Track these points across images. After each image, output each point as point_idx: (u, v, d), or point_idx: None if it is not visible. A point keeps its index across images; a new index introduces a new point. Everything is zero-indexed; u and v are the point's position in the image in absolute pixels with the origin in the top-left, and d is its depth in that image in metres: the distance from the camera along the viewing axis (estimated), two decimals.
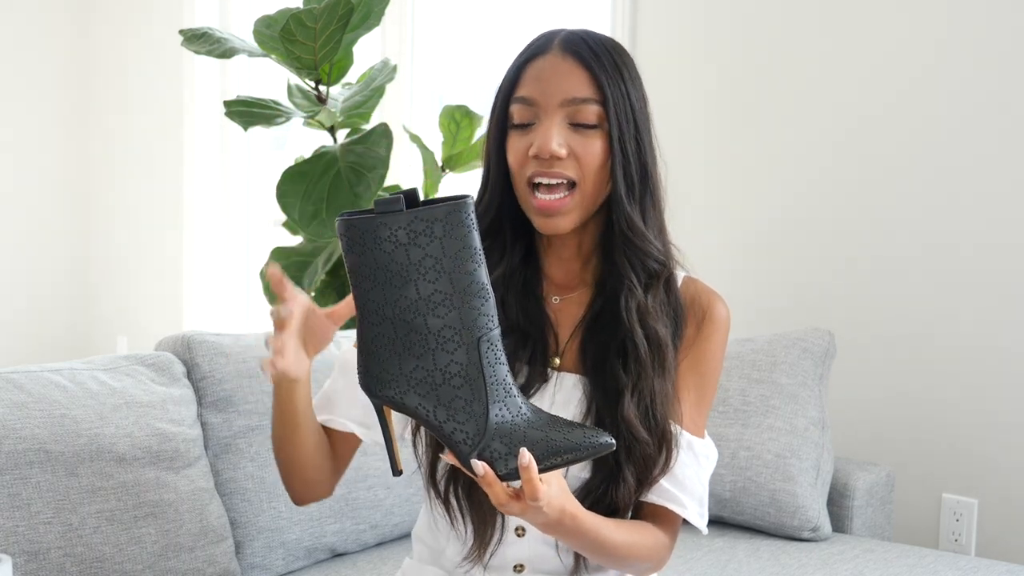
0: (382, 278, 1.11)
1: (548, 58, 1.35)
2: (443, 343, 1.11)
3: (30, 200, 4.82)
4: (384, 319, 1.12)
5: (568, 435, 1.11)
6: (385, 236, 1.10)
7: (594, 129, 1.34)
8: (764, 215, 2.95)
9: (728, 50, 3.00)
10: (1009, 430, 2.58)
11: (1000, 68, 2.58)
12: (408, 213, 1.10)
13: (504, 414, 1.11)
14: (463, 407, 1.11)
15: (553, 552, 1.38)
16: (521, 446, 1.10)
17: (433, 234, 1.10)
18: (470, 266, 1.11)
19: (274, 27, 2.56)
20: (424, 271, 1.10)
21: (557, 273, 1.42)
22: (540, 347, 1.37)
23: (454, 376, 1.11)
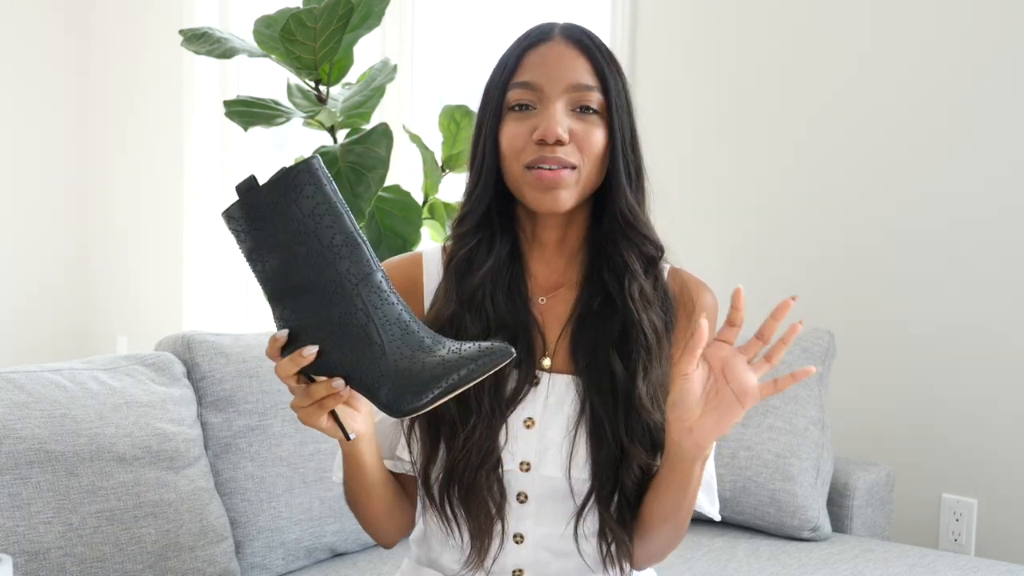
0: (254, 258, 1.18)
1: (551, 45, 1.36)
2: (331, 297, 1.16)
3: (30, 200, 4.82)
4: (282, 291, 1.18)
5: (466, 355, 1.14)
6: (233, 227, 1.18)
7: (595, 116, 1.34)
8: (764, 215, 2.95)
9: (728, 50, 3.00)
10: (1009, 430, 2.58)
11: (1001, 69, 2.58)
12: (264, 187, 1.16)
13: (403, 350, 1.15)
14: (364, 353, 1.15)
15: (551, 557, 1.38)
16: (427, 379, 1.13)
17: (281, 204, 1.15)
18: (329, 219, 1.16)
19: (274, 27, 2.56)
20: (292, 237, 1.16)
21: (541, 272, 1.41)
22: (528, 351, 1.36)
23: (349, 326, 1.15)
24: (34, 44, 4.77)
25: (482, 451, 1.32)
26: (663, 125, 3.06)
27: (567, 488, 1.34)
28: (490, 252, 1.38)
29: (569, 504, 1.35)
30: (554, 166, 1.31)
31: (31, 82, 4.78)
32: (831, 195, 2.83)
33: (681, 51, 3.08)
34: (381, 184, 2.48)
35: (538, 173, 1.32)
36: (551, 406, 1.35)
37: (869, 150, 2.77)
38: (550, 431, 1.34)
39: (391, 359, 1.14)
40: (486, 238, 1.38)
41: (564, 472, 1.33)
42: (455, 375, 1.13)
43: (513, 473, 1.35)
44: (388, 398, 1.14)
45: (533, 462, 1.35)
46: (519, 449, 1.35)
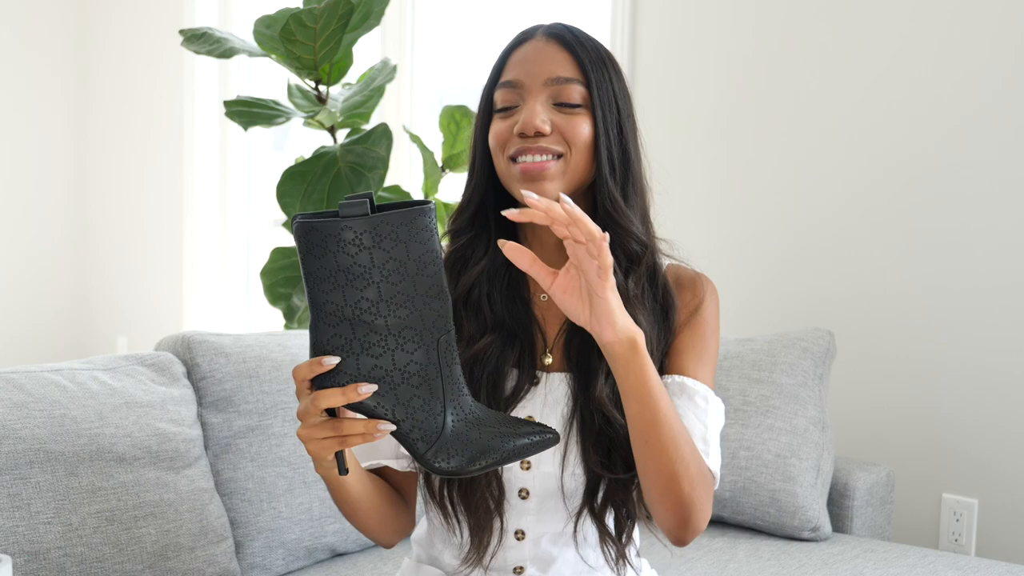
0: (343, 280, 1.11)
1: (532, 43, 1.37)
2: (403, 343, 1.13)
3: (30, 200, 4.82)
4: (342, 320, 1.13)
5: (514, 439, 1.14)
6: (349, 239, 1.10)
7: (578, 108, 1.34)
8: (764, 214, 2.95)
9: (728, 50, 3.00)
10: (1009, 430, 2.58)
11: (1002, 70, 2.58)
12: (373, 217, 1.10)
13: (457, 414, 1.14)
14: (421, 406, 1.13)
15: (554, 553, 1.38)
16: (474, 446, 1.13)
17: (398, 237, 1.11)
18: (431, 269, 1.13)
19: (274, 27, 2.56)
20: (387, 273, 1.11)
21: None
22: (528, 349, 1.37)
23: (413, 376, 1.13)
24: (34, 44, 4.77)
25: None
26: (663, 124, 3.06)
27: (571, 487, 1.34)
28: (486, 250, 1.39)
29: (576, 504, 1.36)
30: (537, 156, 1.31)
31: (31, 82, 4.78)
32: (831, 194, 2.83)
33: (681, 51, 3.08)
34: (381, 184, 2.48)
35: (522, 166, 1.32)
36: (549, 404, 1.36)
37: (871, 150, 2.77)
38: None
39: (448, 419, 1.13)
40: (481, 235, 1.39)
41: (559, 470, 1.34)
42: (501, 454, 1.14)
43: (514, 471, 1.35)
44: (433, 457, 1.13)
45: (533, 460, 1.35)
46: None
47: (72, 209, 4.93)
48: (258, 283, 2.79)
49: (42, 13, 4.78)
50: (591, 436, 1.33)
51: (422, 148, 2.77)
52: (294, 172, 2.52)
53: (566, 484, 1.34)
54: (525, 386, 1.35)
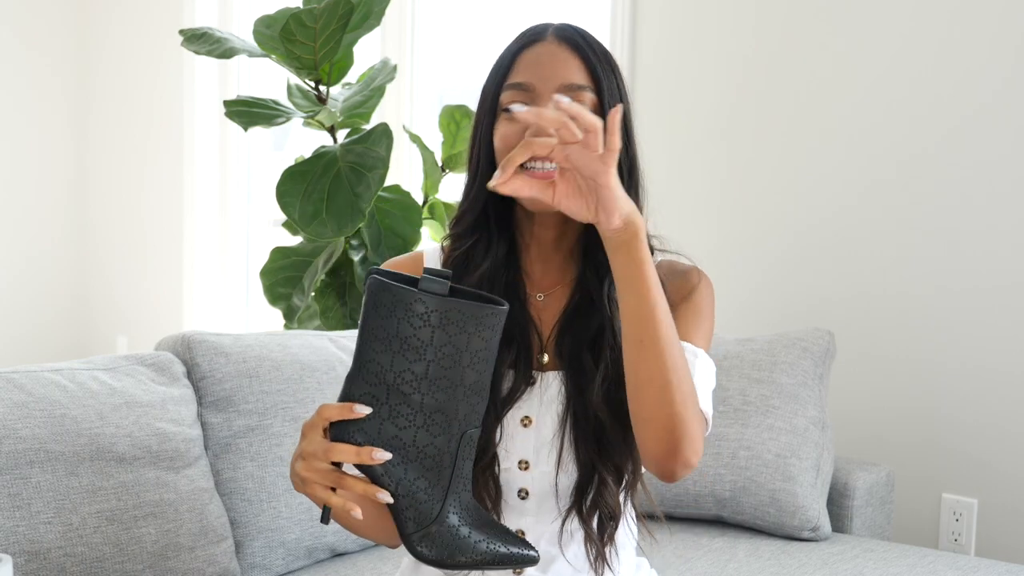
0: (396, 346, 1.12)
1: (544, 45, 1.36)
2: (430, 425, 1.14)
3: (30, 200, 4.82)
4: (381, 383, 1.14)
5: (498, 546, 1.17)
6: (419, 311, 1.11)
7: None
8: (764, 214, 2.95)
9: (728, 50, 3.00)
10: (1009, 430, 2.58)
11: (1002, 71, 2.58)
12: (448, 300, 1.12)
13: (455, 508, 1.16)
14: (424, 488, 1.15)
15: (554, 552, 1.38)
16: (458, 545, 1.15)
17: (464, 326, 1.12)
18: (483, 366, 1.14)
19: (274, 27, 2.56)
20: (441, 356, 1.12)
21: (539, 271, 1.42)
22: (524, 350, 1.37)
23: (427, 457, 1.14)
24: (34, 44, 4.77)
25: (477, 450, 1.32)
26: (663, 124, 3.06)
27: (564, 485, 1.35)
28: (487, 253, 1.39)
29: (567, 503, 1.36)
30: (548, 164, 1.30)
31: (31, 82, 4.78)
32: (831, 195, 2.83)
33: (681, 51, 3.08)
34: (381, 184, 2.48)
35: (531, 173, 1.32)
36: (545, 403, 1.36)
37: (871, 150, 2.77)
38: (544, 429, 1.36)
39: (444, 510, 1.15)
40: (483, 238, 1.39)
41: (555, 468, 1.34)
42: (481, 557, 1.16)
43: (512, 471, 1.36)
44: (418, 540, 1.15)
45: (531, 460, 1.36)
46: (517, 448, 1.36)
47: (72, 209, 4.93)
48: (258, 283, 2.79)
49: (42, 13, 4.78)
50: (584, 434, 1.33)
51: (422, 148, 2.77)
52: (294, 172, 2.52)
53: (560, 482, 1.35)
54: (521, 387, 1.36)
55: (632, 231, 1.18)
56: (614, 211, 1.17)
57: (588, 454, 1.33)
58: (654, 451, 1.25)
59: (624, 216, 1.18)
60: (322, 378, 2.08)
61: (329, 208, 2.45)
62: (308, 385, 2.05)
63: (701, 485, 2.31)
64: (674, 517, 2.36)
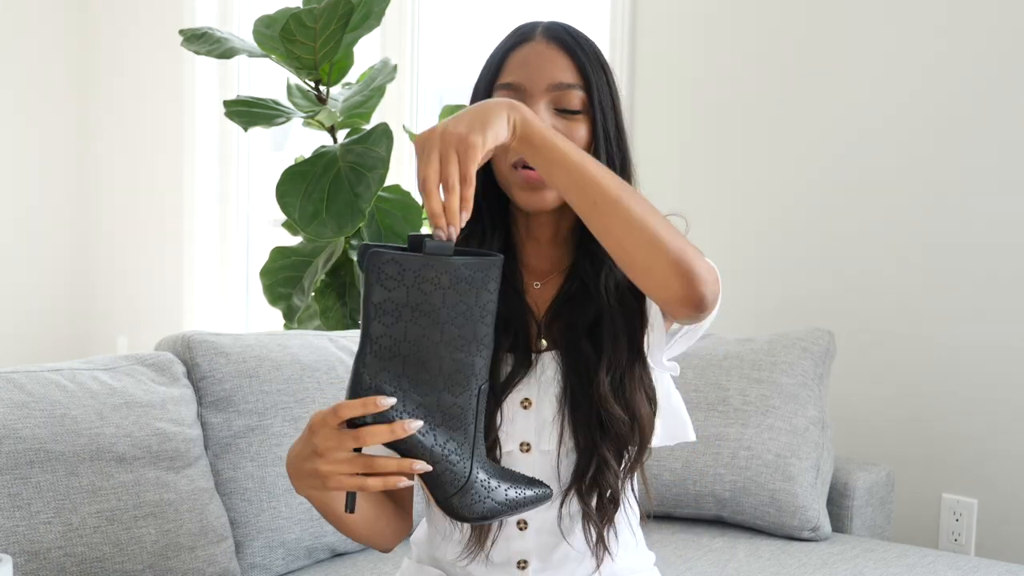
0: (408, 315, 1.12)
1: (533, 45, 1.37)
2: (452, 385, 1.14)
3: (30, 200, 4.82)
4: (395, 356, 1.13)
5: (523, 489, 1.19)
6: (429, 276, 1.11)
7: (577, 115, 1.35)
8: (764, 215, 2.95)
9: (727, 50, 3.00)
10: (1009, 430, 2.58)
11: (999, 71, 2.58)
12: (457, 259, 1.12)
13: (480, 462, 1.17)
14: (455, 450, 1.15)
15: (557, 540, 1.38)
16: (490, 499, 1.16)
17: (473, 282, 1.13)
18: (490, 319, 1.15)
19: (274, 27, 2.56)
20: (455, 316, 1.13)
21: (535, 260, 1.43)
22: (522, 335, 1.38)
23: (453, 418, 1.15)
24: (34, 44, 4.77)
25: None
26: (663, 124, 3.06)
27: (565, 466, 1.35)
28: (483, 244, 1.40)
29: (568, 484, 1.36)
30: None
31: (31, 82, 4.78)
32: (832, 194, 2.83)
33: (680, 51, 3.08)
34: (381, 184, 2.48)
35: (525, 173, 1.33)
36: (543, 385, 1.37)
37: (871, 150, 2.77)
38: (544, 409, 1.37)
39: (474, 468, 1.15)
40: (476, 233, 1.40)
41: (556, 447, 1.35)
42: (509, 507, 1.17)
43: (515, 455, 1.36)
44: (459, 503, 1.15)
45: (532, 442, 1.36)
46: (517, 431, 1.36)
47: (72, 209, 4.93)
48: (258, 283, 2.79)
49: (43, 13, 4.78)
50: (584, 415, 1.34)
51: None
52: (294, 172, 2.52)
53: (562, 463, 1.35)
54: (520, 370, 1.37)
55: (519, 123, 1.19)
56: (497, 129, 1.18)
57: (589, 434, 1.34)
58: (670, 287, 1.21)
59: (506, 121, 1.19)
60: (322, 378, 2.08)
61: (329, 208, 2.45)
62: (308, 385, 2.05)
63: (701, 485, 2.31)
64: (674, 517, 2.36)
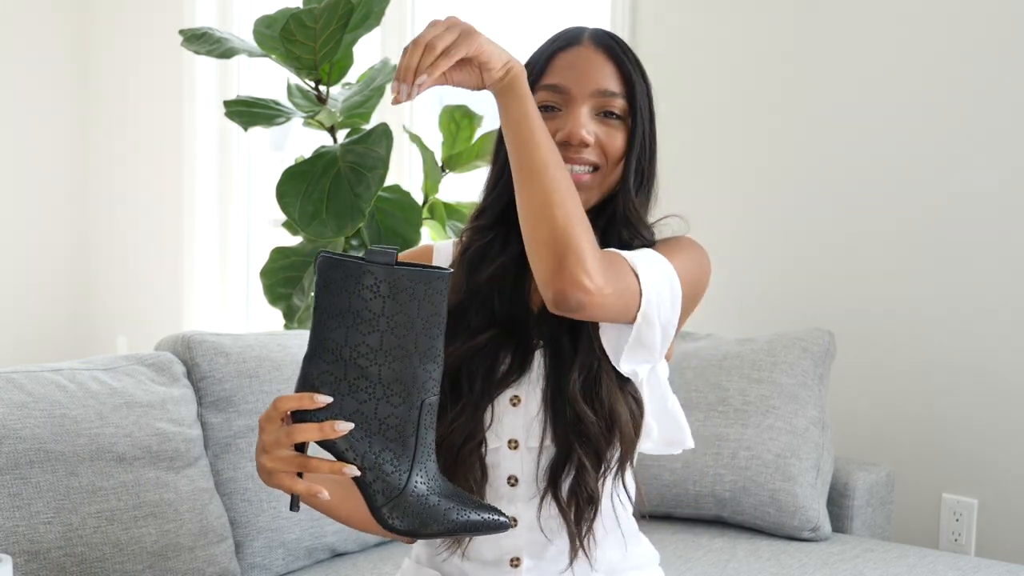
0: (350, 321, 1.14)
1: (580, 50, 1.39)
2: (390, 396, 1.15)
3: (30, 200, 4.82)
4: (338, 359, 1.15)
5: (469, 513, 1.18)
6: (368, 283, 1.13)
7: (618, 121, 1.39)
8: (763, 213, 2.95)
9: (728, 51, 3.00)
10: (1009, 430, 2.58)
11: (1000, 72, 2.58)
12: (396, 268, 1.14)
13: (422, 477, 1.16)
14: (390, 460, 1.15)
15: (546, 540, 1.38)
16: (429, 513, 1.16)
17: (413, 293, 1.14)
18: (435, 332, 1.16)
19: (274, 27, 2.56)
20: (394, 325, 1.14)
21: None
22: (523, 337, 1.39)
23: (390, 429, 1.15)
24: (34, 44, 4.77)
25: (465, 431, 1.35)
26: (663, 124, 3.05)
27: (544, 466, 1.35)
28: (504, 248, 1.41)
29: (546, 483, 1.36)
30: (576, 167, 1.35)
31: (31, 82, 4.78)
32: (832, 194, 2.83)
33: (680, 53, 3.08)
34: (381, 184, 2.48)
35: None
36: (532, 381, 1.38)
37: (871, 149, 2.77)
38: (531, 405, 1.37)
39: (412, 480, 1.16)
40: (501, 234, 1.41)
41: (539, 444, 1.36)
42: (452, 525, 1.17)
43: (502, 452, 1.37)
44: (389, 513, 1.15)
45: (520, 439, 1.37)
46: (505, 428, 1.37)
47: (72, 209, 4.93)
48: (258, 283, 2.79)
49: (43, 13, 4.78)
50: (561, 413, 1.35)
51: (422, 148, 2.77)
52: (294, 172, 2.51)
53: (543, 460, 1.36)
54: (514, 372, 1.38)
55: (514, 72, 1.24)
56: (494, 63, 1.22)
57: (566, 432, 1.34)
58: (542, 273, 1.25)
59: (504, 63, 1.23)
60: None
61: (329, 208, 2.45)
62: None
63: (701, 485, 2.31)
64: (674, 517, 2.36)
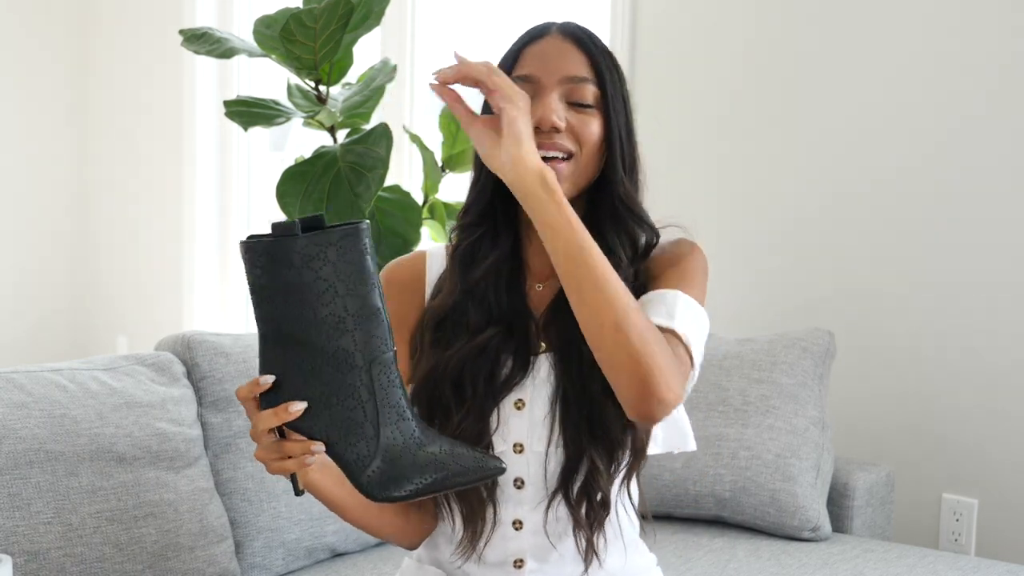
0: (280, 299, 1.13)
1: (548, 40, 1.40)
2: (338, 365, 1.13)
3: (30, 200, 4.82)
4: (279, 338, 1.14)
5: (458, 458, 1.14)
6: (280, 258, 1.12)
7: (590, 109, 1.37)
8: (765, 215, 2.95)
9: (728, 51, 3.00)
10: (1009, 430, 2.58)
11: (1001, 73, 2.58)
12: (302, 238, 1.12)
13: (396, 436, 1.14)
14: (355, 428, 1.13)
15: (551, 544, 1.38)
16: (411, 470, 1.13)
17: (326, 258, 1.12)
18: (362, 290, 1.13)
19: (274, 27, 2.56)
20: (318, 294, 1.12)
21: (538, 262, 1.44)
22: (523, 338, 1.39)
23: (347, 398, 1.13)
24: (34, 44, 4.77)
25: (472, 435, 1.34)
26: (662, 124, 3.06)
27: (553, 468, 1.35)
28: (495, 244, 1.41)
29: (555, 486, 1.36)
30: (551, 153, 1.34)
31: (31, 82, 4.78)
32: (831, 194, 2.83)
33: (680, 50, 3.08)
34: (381, 184, 2.48)
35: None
36: (537, 386, 1.38)
37: (871, 149, 2.77)
38: (536, 409, 1.37)
39: (382, 442, 1.13)
40: (490, 230, 1.41)
41: (545, 448, 1.35)
42: (440, 475, 1.13)
43: (508, 455, 1.36)
44: (368, 479, 1.13)
45: (525, 442, 1.36)
46: (511, 431, 1.37)
47: (72, 209, 4.93)
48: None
49: (42, 13, 4.78)
50: (574, 416, 1.34)
51: (422, 148, 2.76)
52: (294, 172, 2.51)
53: (549, 466, 1.35)
54: (518, 373, 1.37)
55: (539, 181, 1.23)
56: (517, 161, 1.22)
57: (578, 436, 1.34)
58: (628, 396, 1.24)
59: (528, 167, 1.22)
60: None
61: (329, 208, 2.45)
62: None
63: (701, 485, 2.31)
64: (674, 517, 2.36)
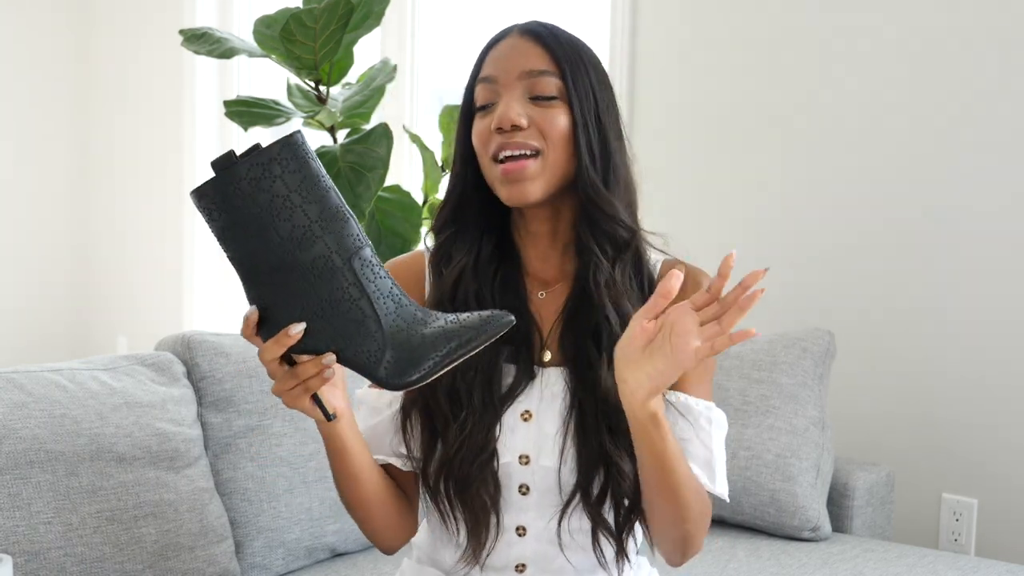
0: (242, 233, 1.14)
1: (507, 40, 1.40)
2: (320, 274, 1.14)
3: (30, 200, 4.82)
4: (257, 271, 1.16)
5: (465, 323, 1.14)
6: (229, 191, 1.13)
7: (554, 100, 1.35)
8: (763, 214, 2.95)
9: (728, 52, 3.00)
10: (1009, 430, 2.58)
11: (999, 71, 2.58)
12: (243, 162, 1.12)
13: (398, 323, 1.14)
14: (358, 329, 1.14)
15: (556, 550, 1.38)
16: (423, 349, 1.13)
17: (273, 174, 1.13)
18: (317, 193, 1.14)
19: (274, 27, 2.56)
20: (277, 211, 1.13)
21: (538, 267, 1.42)
22: (525, 345, 1.37)
23: (340, 302, 1.14)
24: (34, 44, 4.77)
25: (476, 445, 1.33)
26: (662, 125, 3.06)
27: (567, 480, 1.34)
28: (469, 249, 1.39)
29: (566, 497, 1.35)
30: (515, 152, 1.33)
31: (31, 82, 4.78)
32: (831, 195, 2.83)
33: (681, 53, 3.08)
34: (381, 184, 2.48)
35: (503, 167, 1.34)
36: (546, 399, 1.36)
37: (870, 151, 2.77)
38: (546, 424, 1.35)
39: (388, 332, 1.14)
40: (462, 232, 1.40)
41: (557, 463, 1.34)
42: (454, 343, 1.13)
43: (513, 466, 1.35)
44: (386, 371, 1.14)
45: (532, 455, 1.35)
46: (517, 442, 1.35)
47: (72, 209, 4.93)
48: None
49: (42, 13, 4.78)
50: (593, 427, 1.33)
51: (422, 148, 2.76)
52: None
53: (563, 479, 1.34)
54: (523, 381, 1.36)
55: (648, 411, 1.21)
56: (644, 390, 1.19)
57: (600, 446, 1.32)
58: (664, 549, 1.36)
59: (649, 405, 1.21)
60: None
61: None
62: None
63: None
64: None
